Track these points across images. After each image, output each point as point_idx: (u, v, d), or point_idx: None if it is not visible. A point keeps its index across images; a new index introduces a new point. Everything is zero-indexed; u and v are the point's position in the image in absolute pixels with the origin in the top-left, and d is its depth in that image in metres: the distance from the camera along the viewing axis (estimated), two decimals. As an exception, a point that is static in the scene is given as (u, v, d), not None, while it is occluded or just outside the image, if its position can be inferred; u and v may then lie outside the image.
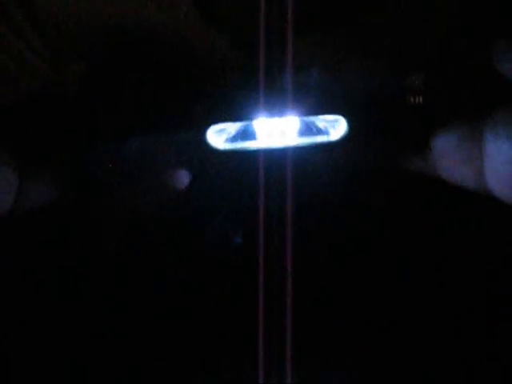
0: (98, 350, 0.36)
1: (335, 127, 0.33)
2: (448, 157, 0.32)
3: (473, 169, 0.31)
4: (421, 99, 0.32)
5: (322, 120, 0.33)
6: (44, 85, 0.28)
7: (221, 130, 0.32)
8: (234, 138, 0.33)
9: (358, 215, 0.35)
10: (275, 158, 0.33)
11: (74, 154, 0.32)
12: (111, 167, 0.31)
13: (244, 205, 0.34)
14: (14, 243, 0.34)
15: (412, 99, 0.32)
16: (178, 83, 0.30)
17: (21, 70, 0.26)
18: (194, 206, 0.34)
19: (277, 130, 0.32)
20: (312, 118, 0.33)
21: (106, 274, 0.35)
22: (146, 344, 0.36)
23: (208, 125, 0.31)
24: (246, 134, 0.33)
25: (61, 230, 0.34)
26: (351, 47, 0.29)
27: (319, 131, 0.33)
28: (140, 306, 0.36)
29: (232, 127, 0.32)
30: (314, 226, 0.35)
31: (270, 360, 0.34)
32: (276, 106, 0.30)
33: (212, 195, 0.34)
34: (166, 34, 0.27)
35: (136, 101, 0.30)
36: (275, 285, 0.34)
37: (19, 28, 0.25)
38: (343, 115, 0.31)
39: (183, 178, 0.32)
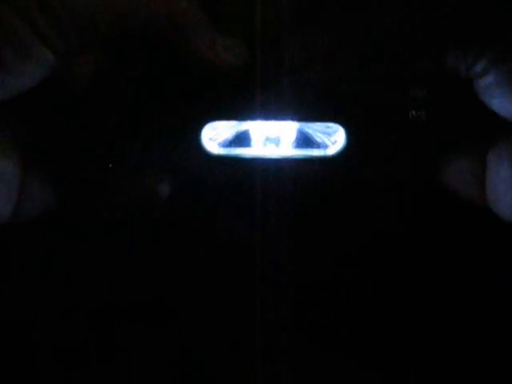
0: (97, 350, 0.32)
1: (333, 141, 0.32)
2: (450, 171, 0.31)
3: (475, 184, 0.30)
4: (423, 114, 0.31)
5: (320, 133, 0.32)
6: (53, 76, 0.28)
7: (215, 135, 0.32)
8: (229, 144, 0.32)
9: (357, 229, 0.32)
10: (270, 166, 0.32)
11: (76, 154, 0.32)
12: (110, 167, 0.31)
13: (238, 211, 0.32)
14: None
15: (414, 113, 0.31)
16: (171, 82, 0.31)
17: (30, 61, 0.26)
18: (186, 211, 0.32)
19: (272, 139, 0.32)
20: (309, 131, 0.32)
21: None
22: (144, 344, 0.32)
23: (202, 124, 0.31)
24: (240, 141, 0.32)
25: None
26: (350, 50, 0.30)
27: (316, 144, 0.32)
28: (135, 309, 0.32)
29: (227, 133, 0.32)
30: (311, 237, 0.32)
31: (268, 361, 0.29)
32: (272, 108, 0.31)
33: (204, 201, 0.32)
34: (165, 29, 0.28)
35: (132, 99, 0.31)
36: (271, 293, 0.31)
37: (25, 11, 0.25)
38: (341, 122, 0.31)
39: (164, 184, 0.32)
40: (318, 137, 0.32)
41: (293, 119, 0.31)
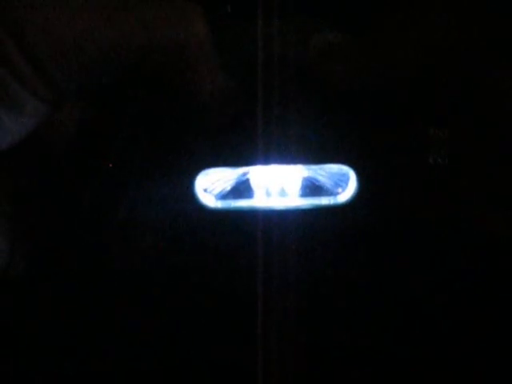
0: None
1: (343, 187, 0.29)
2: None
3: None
4: (445, 159, 0.28)
5: (329, 179, 0.29)
6: (44, 128, 0.25)
7: (212, 184, 0.29)
8: (227, 196, 0.29)
9: (370, 287, 0.28)
10: (274, 219, 0.28)
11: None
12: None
13: (240, 271, 0.28)
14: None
15: (434, 158, 0.28)
16: (161, 126, 0.28)
17: (14, 111, 0.23)
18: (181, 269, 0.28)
19: (276, 189, 0.29)
20: (316, 177, 0.29)
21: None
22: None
23: (197, 170, 0.27)
24: (240, 192, 0.29)
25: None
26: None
27: (324, 191, 0.29)
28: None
29: (225, 183, 0.29)
30: (321, 299, 0.28)
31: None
32: (276, 151, 0.27)
33: (200, 260, 0.28)
34: (173, 66, 0.25)
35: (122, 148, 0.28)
36: (276, 353, 0.26)
37: (10, 62, 0.22)
38: (351, 166, 0.28)
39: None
40: (326, 183, 0.29)
41: (299, 162, 0.28)
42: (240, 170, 0.28)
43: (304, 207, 0.28)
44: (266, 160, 0.27)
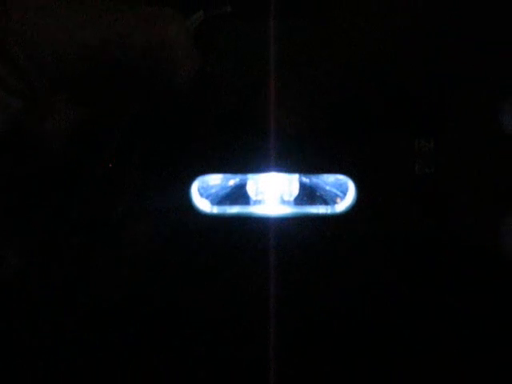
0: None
1: (341, 197, 0.28)
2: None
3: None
4: (430, 168, 0.28)
5: (326, 188, 0.29)
6: (18, 124, 0.25)
7: (208, 190, 0.28)
8: (223, 201, 0.28)
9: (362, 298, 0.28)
10: (270, 226, 0.28)
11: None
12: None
13: (235, 279, 0.28)
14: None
15: (420, 168, 0.28)
16: (162, 126, 0.27)
17: None
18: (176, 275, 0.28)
19: (273, 195, 0.28)
20: (313, 186, 0.29)
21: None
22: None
23: (194, 176, 0.27)
24: (236, 198, 0.29)
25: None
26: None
27: (321, 200, 0.29)
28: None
29: (221, 188, 0.29)
30: (316, 305, 0.28)
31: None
32: (273, 160, 0.27)
33: (195, 264, 0.28)
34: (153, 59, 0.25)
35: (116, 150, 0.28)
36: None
37: None
38: (350, 174, 0.28)
39: None
40: (324, 192, 0.29)
41: (299, 172, 0.28)
42: (237, 177, 0.28)
43: (300, 215, 0.28)
44: (265, 168, 0.27)
